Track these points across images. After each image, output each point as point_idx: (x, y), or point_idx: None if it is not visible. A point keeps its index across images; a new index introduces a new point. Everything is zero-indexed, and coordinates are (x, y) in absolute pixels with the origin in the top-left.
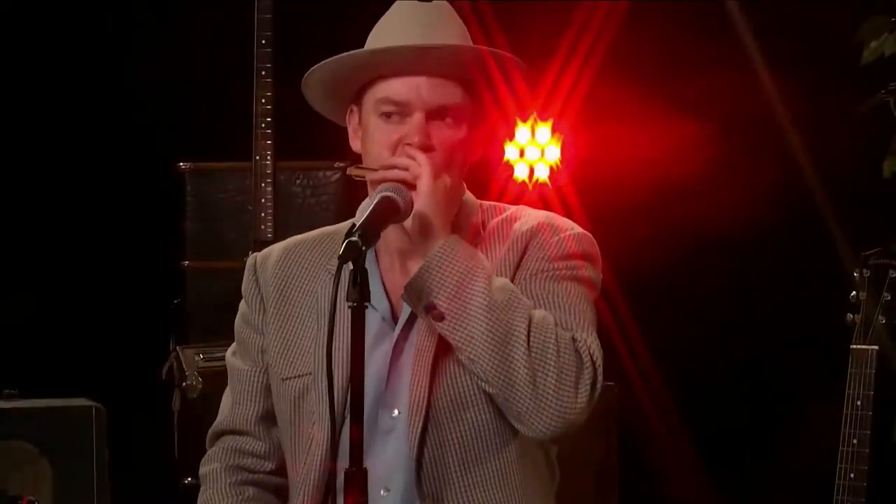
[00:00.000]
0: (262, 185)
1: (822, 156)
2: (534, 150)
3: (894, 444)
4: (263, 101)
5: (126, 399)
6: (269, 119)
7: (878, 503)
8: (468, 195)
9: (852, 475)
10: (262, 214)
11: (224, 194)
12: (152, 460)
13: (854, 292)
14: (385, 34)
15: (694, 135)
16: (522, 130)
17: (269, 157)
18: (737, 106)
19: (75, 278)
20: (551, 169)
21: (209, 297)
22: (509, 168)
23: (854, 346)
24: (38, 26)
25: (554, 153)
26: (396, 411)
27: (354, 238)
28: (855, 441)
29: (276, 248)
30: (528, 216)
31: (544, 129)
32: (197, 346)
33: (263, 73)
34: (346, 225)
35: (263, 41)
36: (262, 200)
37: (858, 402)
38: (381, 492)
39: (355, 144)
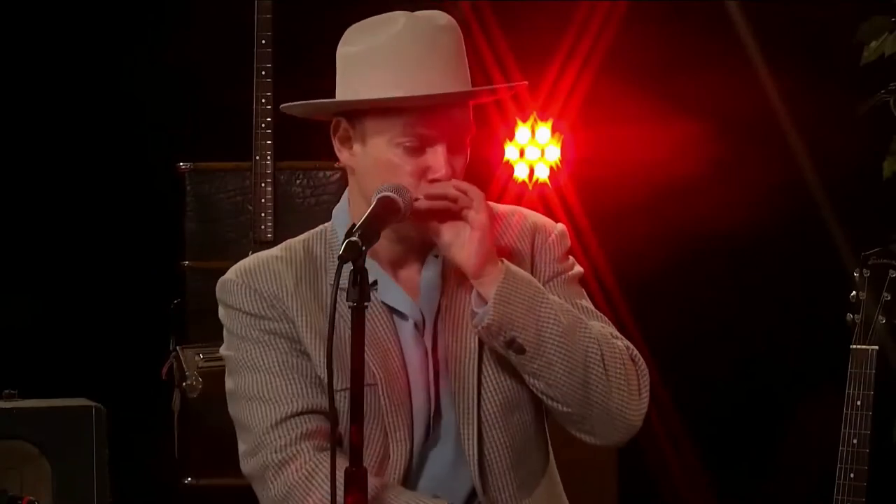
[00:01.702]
0: (262, 185)
1: (822, 156)
2: (534, 150)
3: (894, 444)
4: (263, 101)
5: (126, 399)
6: (269, 119)
7: (878, 503)
8: None
9: (852, 475)
10: (262, 214)
11: (224, 194)
12: (152, 460)
13: (854, 292)
14: (395, 64)
15: (694, 135)
16: (522, 130)
17: (269, 157)
18: (737, 106)
19: (75, 278)
20: (551, 169)
21: (209, 297)
22: (509, 168)
23: (854, 346)
24: (38, 26)
25: (554, 153)
26: (442, 420)
27: (355, 238)
28: (855, 441)
29: (259, 265)
30: (514, 214)
31: (544, 129)
32: (197, 346)
33: (263, 73)
34: (311, 236)
35: (263, 41)
36: (262, 200)
37: (858, 402)
38: None
39: (343, 156)
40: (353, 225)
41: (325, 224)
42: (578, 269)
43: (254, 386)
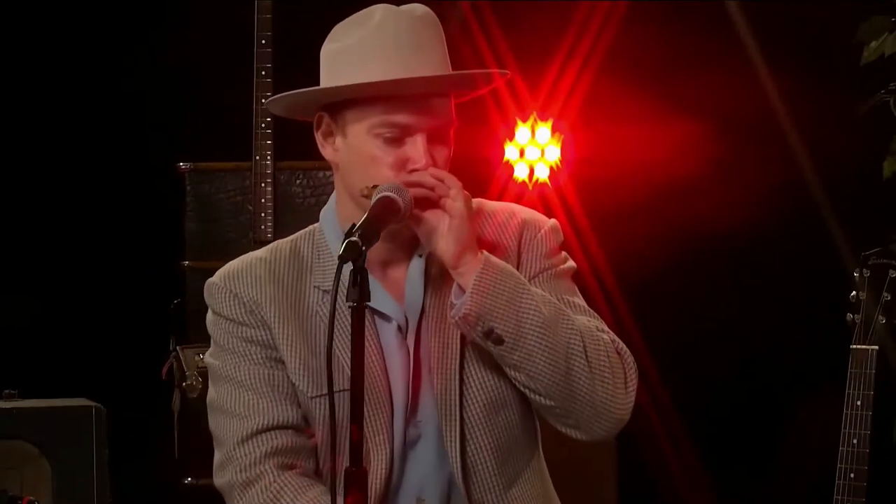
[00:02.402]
0: (262, 185)
1: (822, 156)
2: (534, 150)
3: (894, 444)
4: (263, 101)
5: (126, 399)
6: (269, 119)
7: (878, 503)
8: None
9: (852, 475)
10: (262, 214)
11: (224, 194)
12: (152, 460)
13: (854, 292)
14: (373, 54)
15: (694, 135)
16: (522, 130)
17: (269, 157)
18: (737, 106)
19: (75, 278)
20: (551, 169)
21: None
22: (509, 168)
23: (854, 346)
24: (38, 26)
25: (554, 153)
26: (421, 420)
27: (355, 238)
28: (855, 441)
29: (242, 268)
30: (505, 210)
31: (544, 129)
32: (197, 346)
33: (263, 73)
34: (300, 236)
35: (263, 41)
36: (262, 200)
37: (858, 402)
38: (415, 502)
39: (327, 152)
40: (354, 225)
41: (315, 224)
42: (571, 264)
43: (227, 399)
